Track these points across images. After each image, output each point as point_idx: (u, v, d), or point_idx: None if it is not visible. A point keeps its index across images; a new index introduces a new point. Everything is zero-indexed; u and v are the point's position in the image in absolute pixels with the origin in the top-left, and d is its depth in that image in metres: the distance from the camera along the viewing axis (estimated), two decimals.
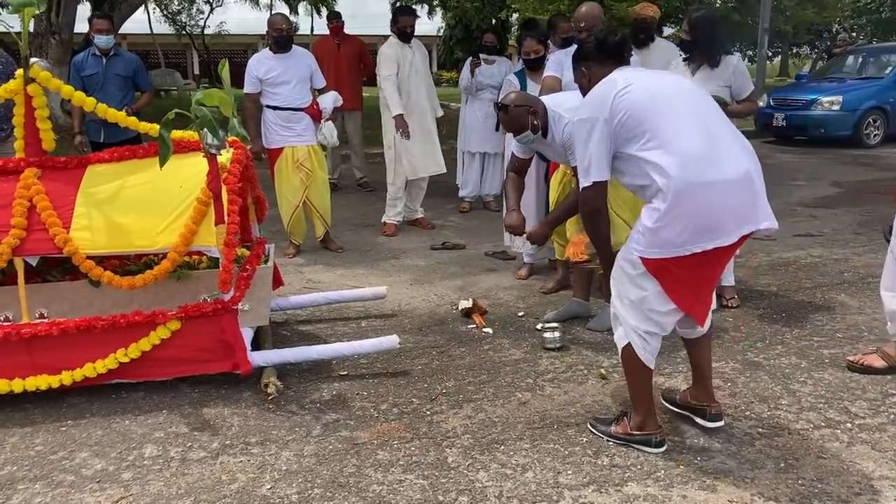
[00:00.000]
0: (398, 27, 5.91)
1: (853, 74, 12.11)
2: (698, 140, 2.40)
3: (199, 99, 2.86)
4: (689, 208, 2.35)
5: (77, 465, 2.65)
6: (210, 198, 3.04)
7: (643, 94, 2.49)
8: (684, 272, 2.44)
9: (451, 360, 3.53)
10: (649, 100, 2.48)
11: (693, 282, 2.50)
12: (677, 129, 2.42)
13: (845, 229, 6.01)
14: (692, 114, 2.47)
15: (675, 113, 2.46)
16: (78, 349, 3.03)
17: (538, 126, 3.43)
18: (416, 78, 5.91)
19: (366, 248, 5.68)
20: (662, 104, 2.47)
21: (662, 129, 2.42)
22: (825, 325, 3.87)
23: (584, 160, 2.60)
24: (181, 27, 35.10)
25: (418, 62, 5.93)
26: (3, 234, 3.01)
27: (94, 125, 5.42)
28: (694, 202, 2.34)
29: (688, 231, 2.35)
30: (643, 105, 2.46)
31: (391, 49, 5.88)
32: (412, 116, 5.88)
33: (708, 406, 2.75)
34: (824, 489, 2.40)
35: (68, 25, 10.99)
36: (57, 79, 3.29)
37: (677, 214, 2.35)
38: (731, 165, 2.40)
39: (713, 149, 2.40)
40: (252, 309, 3.22)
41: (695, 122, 2.44)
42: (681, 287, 2.48)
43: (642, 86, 2.51)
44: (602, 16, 4.26)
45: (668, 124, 2.43)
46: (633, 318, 2.55)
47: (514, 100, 3.48)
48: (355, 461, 2.64)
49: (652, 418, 2.65)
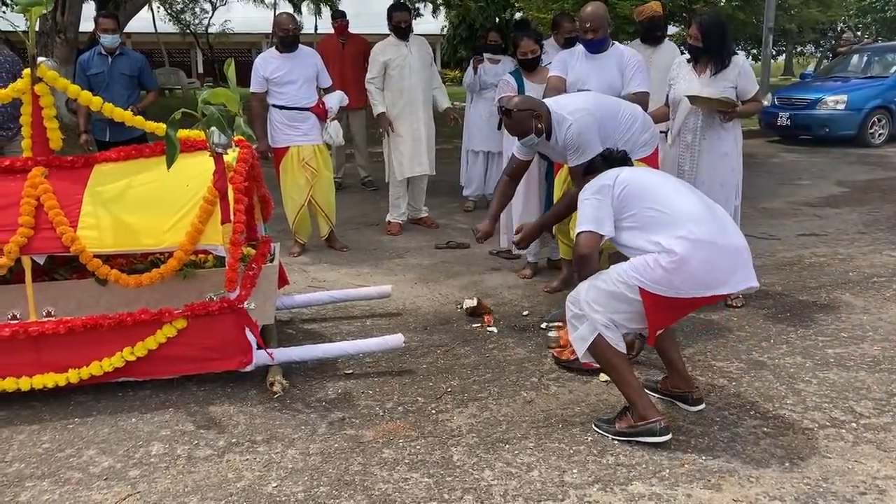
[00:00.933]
0: (393, 24, 5.89)
1: (858, 73, 12.07)
2: (697, 205, 2.67)
3: (206, 98, 2.87)
4: (700, 260, 2.52)
5: (84, 463, 2.67)
6: (216, 197, 3.05)
7: (638, 182, 2.77)
8: (675, 310, 2.69)
9: (456, 358, 3.54)
10: (643, 184, 2.77)
11: (676, 314, 2.78)
12: (678, 197, 2.70)
13: (850, 229, 6.00)
14: (685, 187, 2.83)
15: (669, 188, 2.76)
16: (85, 347, 3.05)
17: (542, 129, 3.44)
18: (411, 77, 5.83)
19: (370, 247, 5.69)
20: (655, 184, 2.78)
21: (662, 200, 2.68)
22: (830, 324, 3.87)
23: (594, 211, 2.75)
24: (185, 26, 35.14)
25: (415, 60, 5.86)
26: (10, 232, 3.03)
27: (100, 124, 5.43)
28: (706, 255, 2.53)
29: (695, 279, 2.53)
30: (640, 187, 2.75)
31: (380, 49, 5.88)
32: (404, 116, 5.86)
33: (689, 392, 2.91)
34: (829, 489, 2.40)
35: (73, 25, 11.02)
36: (63, 78, 3.30)
37: (691, 263, 2.52)
38: (732, 234, 2.65)
39: (713, 215, 2.66)
40: (257, 307, 3.24)
41: (689, 192, 2.76)
42: (664, 318, 2.70)
43: (636, 177, 2.81)
44: (608, 15, 4.24)
45: (665, 193, 2.71)
46: (599, 315, 2.67)
47: (518, 104, 3.48)
48: (361, 459, 2.65)
49: (651, 406, 2.69)
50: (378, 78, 5.83)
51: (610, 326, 2.67)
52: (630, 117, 3.66)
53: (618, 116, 3.61)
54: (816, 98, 11.35)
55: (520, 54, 4.94)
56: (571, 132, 3.42)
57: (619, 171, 2.84)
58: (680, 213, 2.61)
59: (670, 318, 2.77)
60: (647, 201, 2.67)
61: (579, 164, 3.47)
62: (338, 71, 7.03)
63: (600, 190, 2.76)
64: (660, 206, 2.65)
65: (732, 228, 2.69)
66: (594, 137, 3.44)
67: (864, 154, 10.31)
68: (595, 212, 2.72)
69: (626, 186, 2.72)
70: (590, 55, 4.23)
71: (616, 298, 2.65)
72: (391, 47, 5.86)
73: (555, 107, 3.52)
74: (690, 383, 2.93)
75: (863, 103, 11.09)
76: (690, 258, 2.51)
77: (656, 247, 2.57)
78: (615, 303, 2.65)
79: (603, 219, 2.70)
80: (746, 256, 2.65)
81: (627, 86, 4.14)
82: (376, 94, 5.86)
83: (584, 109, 3.50)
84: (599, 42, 4.18)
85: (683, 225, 2.56)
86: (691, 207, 2.64)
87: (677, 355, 2.93)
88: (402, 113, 5.86)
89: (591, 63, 4.22)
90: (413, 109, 5.88)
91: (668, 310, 2.65)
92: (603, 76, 4.17)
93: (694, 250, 2.52)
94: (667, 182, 2.81)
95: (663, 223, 2.61)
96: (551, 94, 4.23)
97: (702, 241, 2.54)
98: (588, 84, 4.18)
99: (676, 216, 2.60)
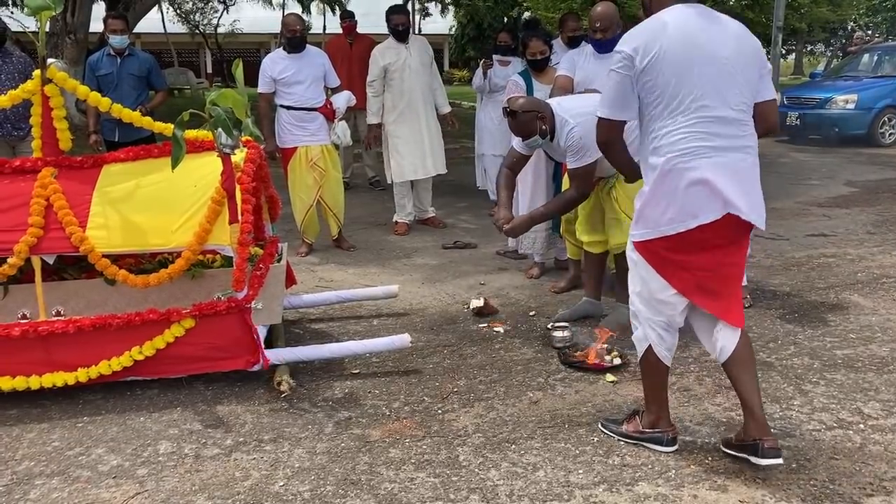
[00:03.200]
0: (391, 26, 5.89)
1: (868, 73, 12.00)
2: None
3: (213, 99, 2.88)
4: (671, 186, 2.34)
5: (93, 461, 2.69)
6: (224, 197, 3.06)
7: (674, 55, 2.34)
8: (674, 255, 2.42)
9: (463, 358, 3.54)
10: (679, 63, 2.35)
11: (686, 266, 2.43)
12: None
13: (859, 229, 5.97)
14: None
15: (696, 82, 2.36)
16: (94, 346, 3.07)
17: (547, 130, 3.47)
18: (411, 79, 5.82)
19: (378, 247, 5.70)
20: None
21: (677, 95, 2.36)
22: (838, 325, 3.85)
23: (604, 91, 2.54)
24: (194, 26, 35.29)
25: (414, 62, 5.84)
26: (20, 232, 3.05)
27: (109, 124, 5.46)
28: (678, 180, 2.33)
29: (671, 209, 2.35)
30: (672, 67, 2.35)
31: (380, 53, 5.87)
32: (405, 118, 5.85)
33: (759, 440, 2.41)
34: (836, 490, 2.39)
35: (83, 25, 11.07)
36: (73, 79, 3.33)
37: (663, 192, 2.36)
38: (731, 152, 2.36)
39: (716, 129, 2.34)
40: (265, 307, 3.25)
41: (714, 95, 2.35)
42: (674, 270, 2.44)
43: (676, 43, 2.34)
44: (618, 16, 4.24)
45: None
46: (646, 310, 2.54)
47: (523, 105, 3.50)
48: (367, 459, 2.66)
49: (664, 417, 2.63)
50: (377, 81, 5.84)
51: (658, 331, 2.51)
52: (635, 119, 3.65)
53: None
54: (826, 97, 11.30)
55: (529, 55, 4.93)
56: (573, 135, 3.44)
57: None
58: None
59: (687, 272, 2.43)
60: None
61: (578, 166, 3.49)
62: (346, 71, 7.05)
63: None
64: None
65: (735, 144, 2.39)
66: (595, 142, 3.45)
67: (875, 154, 10.25)
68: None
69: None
70: (598, 55, 4.23)
71: (635, 271, 2.53)
72: (390, 50, 5.86)
73: (558, 109, 3.53)
74: (763, 429, 2.43)
75: (873, 103, 11.03)
76: (661, 185, 2.36)
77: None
78: (637, 278, 2.52)
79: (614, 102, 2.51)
80: (747, 178, 2.37)
81: None
82: (373, 102, 5.90)
83: (587, 113, 3.49)
84: (609, 42, 4.16)
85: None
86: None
87: (747, 389, 2.45)
88: (402, 115, 5.85)
89: (599, 63, 4.22)
90: (414, 111, 5.86)
91: (670, 260, 2.42)
92: None
93: (665, 177, 2.35)
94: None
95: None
96: (558, 93, 4.24)
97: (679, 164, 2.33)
98: (595, 84, 4.17)
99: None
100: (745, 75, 2.38)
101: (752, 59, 2.41)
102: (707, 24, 2.38)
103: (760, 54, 2.45)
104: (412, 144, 5.90)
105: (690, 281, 2.45)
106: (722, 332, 2.50)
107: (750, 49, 2.41)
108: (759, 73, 2.43)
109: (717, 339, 2.50)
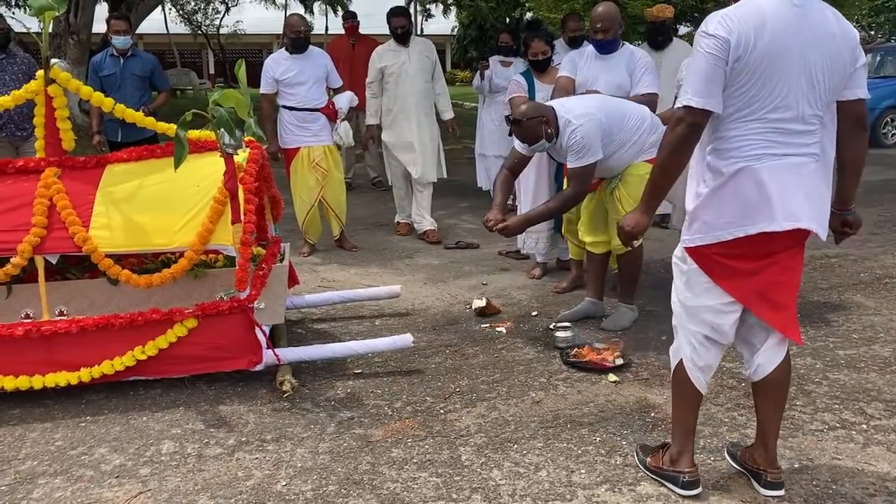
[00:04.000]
0: (391, 28, 5.85)
1: (871, 73, 11.96)
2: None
3: (216, 99, 2.89)
4: (730, 190, 2.19)
5: (96, 461, 2.69)
6: (227, 197, 3.07)
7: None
8: (731, 261, 2.25)
9: (465, 358, 3.55)
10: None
11: (744, 272, 2.25)
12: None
13: (862, 229, 5.94)
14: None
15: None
16: (97, 346, 3.07)
17: (552, 133, 3.49)
18: (406, 84, 5.73)
19: (380, 247, 5.70)
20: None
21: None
22: (841, 325, 3.84)
23: (689, 76, 2.23)
24: (197, 27, 35.34)
25: (412, 66, 5.74)
26: (24, 232, 3.06)
27: (112, 125, 5.47)
28: (738, 184, 2.18)
29: (729, 213, 2.19)
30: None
31: (378, 55, 5.83)
32: (397, 123, 5.81)
33: (764, 471, 2.38)
34: (839, 490, 2.39)
35: (86, 26, 11.10)
36: (76, 79, 3.33)
37: (721, 195, 2.19)
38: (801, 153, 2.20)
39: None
40: (268, 307, 3.25)
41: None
42: (732, 276, 2.25)
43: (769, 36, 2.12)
44: (619, 16, 4.24)
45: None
46: (688, 321, 2.34)
47: (526, 112, 3.50)
48: (370, 459, 2.66)
49: (687, 455, 2.40)
50: (375, 83, 5.82)
51: (695, 345, 2.33)
52: (638, 120, 3.66)
53: (624, 120, 3.62)
54: None
55: (530, 55, 4.92)
56: (576, 136, 3.45)
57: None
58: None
59: (745, 279, 2.26)
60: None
61: (578, 166, 3.49)
62: (348, 71, 7.05)
63: None
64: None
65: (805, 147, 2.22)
66: (597, 142, 3.48)
67: (877, 154, 10.21)
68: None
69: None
70: (599, 55, 4.24)
71: (684, 278, 2.33)
72: (389, 53, 5.81)
73: (561, 110, 3.53)
74: (770, 461, 2.39)
75: (875, 103, 10.99)
76: (721, 186, 2.18)
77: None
78: (686, 287, 2.32)
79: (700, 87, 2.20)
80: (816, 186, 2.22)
81: (636, 87, 4.14)
82: (371, 103, 5.88)
83: (590, 114, 3.51)
84: (610, 43, 4.18)
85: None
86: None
87: (769, 418, 2.39)
88: (395, 120, 5.81)
89: (600, 63, 4.23)
90: (406, 117, 5.76)
91: (728, 266, 2.24)
92: (612, 77, 4.18)
93: (731, 179, 2.16)
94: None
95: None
96: (560, 94, 4.24)
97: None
98: (597, 84, 4.18)
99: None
100: (833, 81, 2.17)
101: (846, 62, 2.18)
102: (803, 21, 2.12)
103: (856, 52, 2.19)
104: (400, 149, 5.84)
105: (748, 288, 2.27)
106: (769, 349, 2.36)
107: (846, 49, 2.16)
108: (849, 72, 2.20)
109: (758, 355, 2.36)
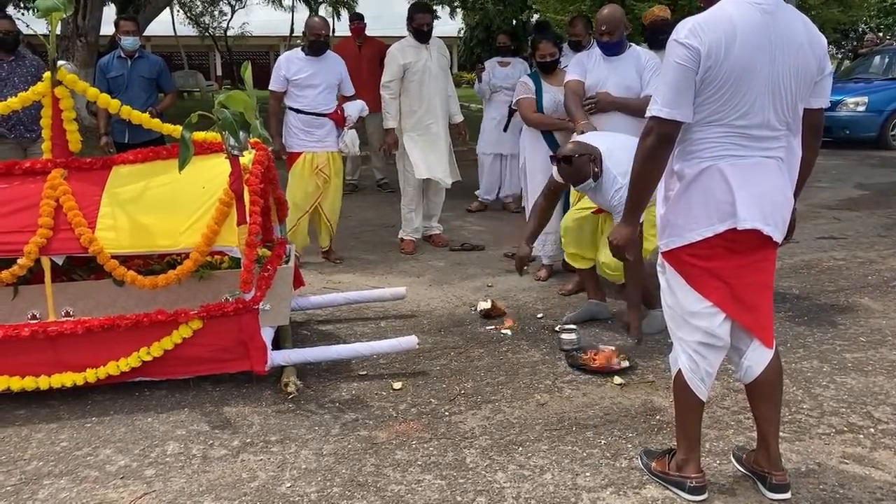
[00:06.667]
0: (414, 26, 5.46)
1: (879, 75, 11.91)
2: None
3: (222, 101, 2.89)
4: (694, 192, 2.22)
5: (101, 462, 2.70)
6: (232, 198, 3.07)
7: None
8: (702, 262, 2.26)
9: (470, 360, 3.54)
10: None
11: (715, 273, 2.26)
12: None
13: (869, 232, 5.93)
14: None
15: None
16: (102, 347, 3.08)
17: (598, 173, 3.49)
18: (431, 84, 5.42)
19: (385, 249, 5.70)
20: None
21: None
22: (848, 328, 3.82)
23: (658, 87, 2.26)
24: (204, 29, 35.47)
25: (434, 65, 5.43)
26: (30, 233, 3.07)
27: (119, 126, 5.49)
28: (701, 186, 2.21)
29: (694, 216, 2.22)
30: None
31: (399, 51, 5.43)
32: (422, 125, 5.48)
33: (768, 474, 2.38)
34: (846, 494, 2.38)
35: (94, 28, 11.14)
36: (83, 81, 3.35)
37: (686, 198, 2.23)
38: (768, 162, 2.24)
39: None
40: (273, 308, 3.25)
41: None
42: (706, 278, 2.26)
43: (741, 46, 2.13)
44: (624, 18, 4.25)
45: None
46: (680, 330, 2.35)
47: (576, 149, 3.50)
48: (374, 460, 2.66)
49: (693, 461, 2.40)
50: (395, 81, 5.39)
51: (691, 353, 2.32)
52: None
53: None
54: (836, 100, 11.19)
55: (538, 56, 4.90)
56: (621, 196, 3.33)
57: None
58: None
59: (720, 281, 2.26)
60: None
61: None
62: (355, 74, 6.98)
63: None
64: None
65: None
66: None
67: (885, 157, 10.17)
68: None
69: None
70: (607, 57, 4.24)
71: (666, 285, 2.36)
72: (411, 49, 5.41)
73: (608, 161, 3.51)
74: (774, 463, 2.39)
75: (884, 105, 10.94)
76: (688, 188, 2.21)
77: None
78: (669, 292, 2.35)
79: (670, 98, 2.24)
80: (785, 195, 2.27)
81: (646, 87, 4.15)
82: (389, 104, 5.45)
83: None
84: (615, 45, 4.19)
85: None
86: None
87: (767, 419, 2.39)
88: (419, 122, 5.48)
89: (608, 65, 4.23)
90: (432, 118, 5.47)
91: (701, 268, 2.26)
92: (621, 78, 4.19)
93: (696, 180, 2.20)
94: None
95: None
96: (570, 97, 4.25)
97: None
98: (607, 86, 4.20)
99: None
100: (800, 91, 2.20)
101: (813, 71, 2.20)
102: (772, 30, 2.14)
103: (823, 62, 2.22)
104: (427, 152, 5.52)
105: (724, 290, 2.27)
106: (754, 351, 2.34)
107: (813, 59, 2.19)
108: (816, 80, 2.23)
109: (745, 357, 2.36)
